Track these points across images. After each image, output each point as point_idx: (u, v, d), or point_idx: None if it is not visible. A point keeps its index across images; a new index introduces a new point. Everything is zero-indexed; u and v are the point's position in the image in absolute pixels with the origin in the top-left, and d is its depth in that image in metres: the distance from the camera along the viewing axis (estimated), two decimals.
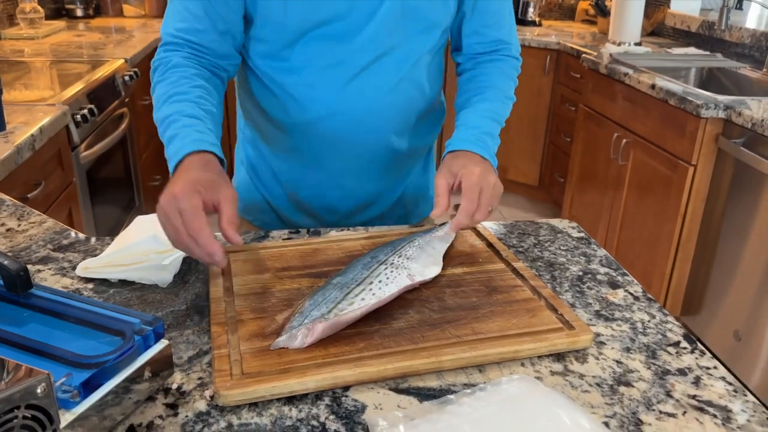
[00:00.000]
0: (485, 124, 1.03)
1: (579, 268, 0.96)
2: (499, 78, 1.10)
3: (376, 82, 1.03)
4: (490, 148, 1.00)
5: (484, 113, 1.04)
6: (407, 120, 1.10)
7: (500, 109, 1.07)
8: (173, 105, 0.92)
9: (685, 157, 2.08)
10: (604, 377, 0.72)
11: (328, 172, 1.12)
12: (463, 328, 0.77)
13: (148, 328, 0.66)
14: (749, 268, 1.95)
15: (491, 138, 1.02)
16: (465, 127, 1.02)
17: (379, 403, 0.67)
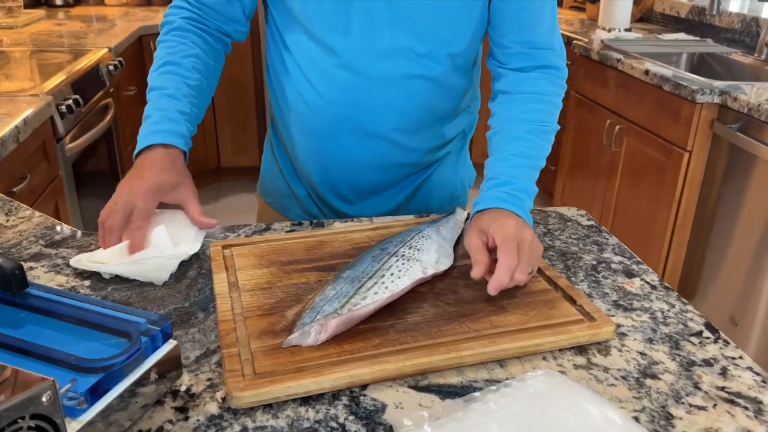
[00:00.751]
0: (519, 177, 0.88)
1: (592, 257, 0.93)
2: (536, 106, 0.94)
3: (391, 72, 0.96)
4: (524, 204, 0.87)
5: (517, 160, 0.90)
6: (420, 117, 1.02)
7: (538, 149, 0.92)
8: (162, 77, 0.96)
9: (680, 143, 2.07)
10: (629, 370, 0.70)
11: (340, 156, 1.06)
12: (481, 321, 0.74)
13: (155, 328, 0.62)
14: (743, 252, 1.95)
15: (527, 193, 0.88)
16: (496, 183, 0.88)
17: (399, 402, 0.64)
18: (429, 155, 1.09)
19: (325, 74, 0.98)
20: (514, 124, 0.94)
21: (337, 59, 0.96)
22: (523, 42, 0.96)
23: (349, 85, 0.97)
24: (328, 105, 0.99)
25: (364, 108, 0.99)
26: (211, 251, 0.87)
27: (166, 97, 0.94)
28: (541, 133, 0.93)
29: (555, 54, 0.98)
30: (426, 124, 1.03)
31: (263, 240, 0.92)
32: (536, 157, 0.92)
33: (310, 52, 0.98)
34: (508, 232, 0.80)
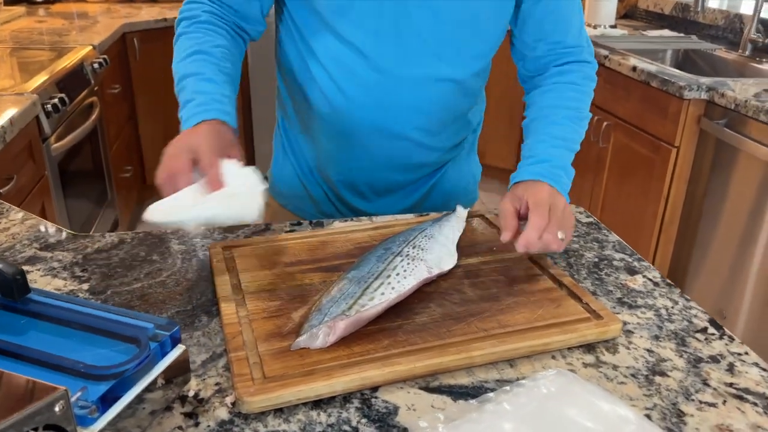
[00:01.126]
0: (557, 156, 0.91)
1: (594, 255, 0.93)
2: (570, 94, 0.97)
3: (420, 74, 0.97)
4: (563, 181, 0.89)
5: (554, 141, 0.92)
6: (444, 118, 1.03)
7: (573, 133, 0.95)
8: (195, 64, 0.93)
9: (667, 139, 2.09)
10: (637, 367, 0.70)
11: (362, 156, 1.05)
12: (489, 321, 0.74)
13: (164, 333, 0.61)
14: (729, 246, 1.97)
15: (564, 171, 0.90)
16: (534, 160, 0.91)
17: (411, 404, 0.64)
18: (448, 153, 1.11)
19: (352, 76, 0.97)
20: (550, 110, 0.96)
21: (366, 61, 0.95)
22: (555, 43, 0.99)
23: (377, 87, 0.96)
24: (355, 107, 0.99)
25: (391, 109, 0.99)
26: (210, 253, 0.86)
27: (206, 81, 0.91)
28: (576, 119, 0.96)
29: (584, 50, 1.01)
30: (448, 123, 1.05)
31: (264, 241, 0.91)
32: (572, 140, 0.95)
33: (338, 53, 0.96)
34: (541, 197, 0.84)
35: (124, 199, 2.63)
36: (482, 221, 0.99)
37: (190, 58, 0.93)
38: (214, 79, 0.91)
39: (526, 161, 0.92)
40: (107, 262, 0.88)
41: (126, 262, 0.88)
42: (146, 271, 0.86)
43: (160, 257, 0.89)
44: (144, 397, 0.60)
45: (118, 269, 0.86)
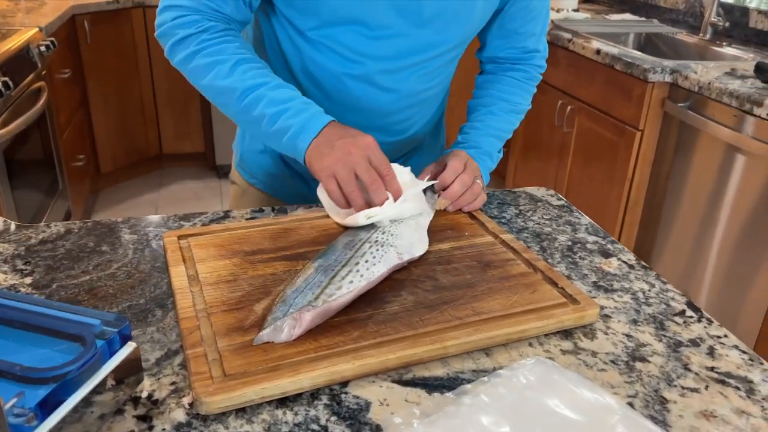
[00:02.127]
0: (486, 143, 1.01)
1: (567, 238, 0.91)
2: (513, 90, 1.05)
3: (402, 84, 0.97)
4: (485, 164, 1.00)
5: (487, 130, 1.02)
6: (421, 113, 1.04)
7: (507, 124, 1.05)
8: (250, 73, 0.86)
9: (631, 122, 2.08)
10: (617, 353, 0.67)
11: None
12: (463, 308, 0.70)
13: (111, 330, 0.56)
14: (692, 228, 1.98)
15: (489, 156, 1.01)
16: (463, 146, 1.01)
17: (384, 399, 0.60)
18: (429, 137, 1.15)
19: (340, 83, 0.95)
20: (492, 100, 1.05)
21: (358, 70, 0.93)
22: (516, 43, 1.04)
23: (365, 95, 0.96)
24: (342, 111, 0.96)
25: (380, 114, 0.99)
26: (165, 242, 0.80)
27: (281, 87, 0.86)
28: (512, 112, 1.05)
29: (541, 55, 1.07)
30: (435, 116, 1.11)
31: (223, 229, 0.85)
32: (504, 130, 1.05)
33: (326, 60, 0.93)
34: (458, 156, 0.95)
35: (76, 189, 2.53)
36: None
37: (240, 69, 0.85)
38: (284, 84, 0.87)
39: (458, 146, 1.01)
40: (52, 254, 0.81)
41: (73, 253, 0.82)
42: (95, 262, 0.80)
43: (111, 248, 0.83)
44: (92, 400, 0.55)
45: (65, 261, 0.80)
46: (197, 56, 0.86)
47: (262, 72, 0.86)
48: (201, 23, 0.87)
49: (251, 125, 0.88)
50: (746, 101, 1.71)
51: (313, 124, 0.83)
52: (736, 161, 1.81)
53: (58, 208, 2.25)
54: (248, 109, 0.85)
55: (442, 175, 0.92)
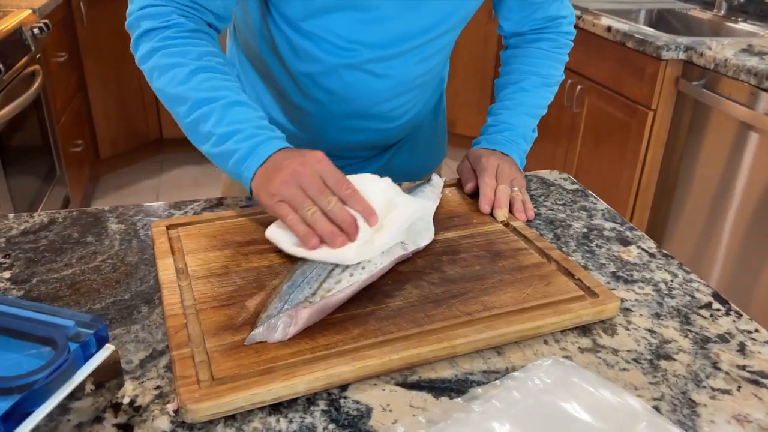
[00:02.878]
0: (519, 123, 0.95)
1: (582, 225, 0.85)
2: (543, 62, 0.98)
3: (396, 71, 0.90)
4: (519, 147, 0.94)
5: (519, 108, 0.96)
6: (417, 98, 0.97)
7: (540, 99, 0.97)
8: (206, 84, 0.76)
9: (644, 102, 2.01)
10: (640, 351, 0.62)
11: (336, 141, 0.98)
12: (472, 303, 0.65)
13: (87, 331, 0.51)
14: (704, 211, 1.92)
15: (524, 138, 0.95)
16: (496, 129, 0.94)
17: (387, 404, 0.55)
18: (429, 117, 1.07)
19: (334, 73, 0.88)
20: (522, 76, 0.98)
21: (352, 58, 0.86)
22: (538, 11, 0.97)
23: (360, 83, 0.89)
24: (338, 101, 0.90)
25: (376, 101, 0.92)
26: (153, 232, 0.75)
27: (238, 106, 0.76)
28: (544, 86, 0.98)
29: (567, 21, 1.01)
30: (433, 98, 1.04)
31: (215, 217, 0.80)
32: (538, 106, 0.97)
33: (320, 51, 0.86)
34: (489, 163, 0.88)
35: (75, 175, 2.48)
36: (459, 191, 0.90)
37: (197, 78, 0.76)
38: (242, 100, 0.76)
39: (489, 129, 0.96)
40: (34, 246, 0.76)
41: (56, 245, 0.77)
42: (79, 255, 0.75)
43: (96, 238, 0.78)
44: (69, 407, 0.50)
45: (47, 254, 0.75)
46: (157, 54, 0.77)
47: (223, 84, 0.76)
48: (169, 17, 0.77)
49: (199, 144, 0.77)
50: (765, 78, 1.64)
51: (261, 150, 0.72)
52: (749, 140, 1.75)
53: (55, 194, 2.21)
54: (197, 123, 0.75)
55: (482, 195, 0.84)
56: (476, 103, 3.26)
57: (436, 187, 0.86)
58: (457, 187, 0.91)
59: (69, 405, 0.50)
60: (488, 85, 3.22)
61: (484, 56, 3.17)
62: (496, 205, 0.82)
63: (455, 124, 3.28)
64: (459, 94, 3.23)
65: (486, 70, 3.20)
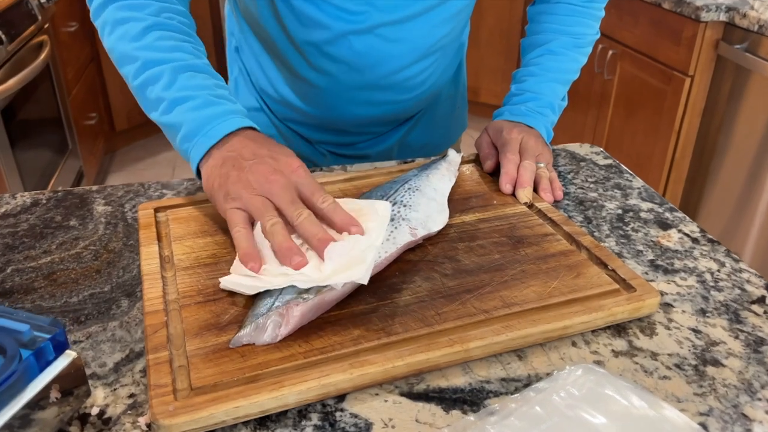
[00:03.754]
0: (547, 92, 0.85)
1: (616, 205, 0.76)
2: (575, 19, 0.88)
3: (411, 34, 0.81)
4: (546, 119, 0.84)
5: (547, 75, 0.86)
6: (435, 66, 0.88)
7: (571, 62, 0.87)
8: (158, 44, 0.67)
9: (680, 68, 1.89)
10: (683, 355, 0.54)
11: (346, 117, 0.89)
12: (490, 298, 0.57)
13: (42, 336, 0.45)
14: (746, 185, 1.80)
15: (551, 108, 0.85)
16: (520, 98, 0.85)
17: (389, 419, 0.48)
18: (448, 87, 0.98)
19: (345, 41, 0.79)
20: (549, 36, 0.88)
21: (363, 23, 0.78)
22: None
23: (372, 50, 0.80)
24: (350, 72, 0.82)
25: (391, 70, 0.83)
26: (139, 215, 0.68)
27: (195, 70, 0.67)
28: (575, 47, 0.88)
29: None
30: (452, 64, 0.93)
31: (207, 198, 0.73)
32: (568, 71, 0.87)
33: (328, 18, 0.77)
34: (511, 137, 0.79)
35: (88, 149, 2.43)
36: (477, 169, 0.82)
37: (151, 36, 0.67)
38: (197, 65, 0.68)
39: (513, 98, 0.87)
40: (13, 231, 0.70)
41: (36, 229, 0.71)
42: (60, 240, 0.69)
43: (80, 222, 0.72)
44: (31, 417, 0.44)
45: (26, 239, 0.69)
46: (110, 6, 0.69)
47: (180, 45, 0.67)
48: None
49: (148, 111, 0.68)
50: None
51: (217, 126, 0.63)
52: None
53: (68, 168, 2.16)
54: (144, 87, 0.66)
55: (504, 172, 0.75)
56: (501, 70, 3.13)
57: (452, 163, 0.77)
58: (475, 163, 0.83)
59: (31, 415, 0.44)
60: (514, 49, 3.08)
61: (509, 18, 3.03)
62: (519, 184, 0.74)
63: (479, 92, 3.16)
64: (483, 60, 3.11)
65: (512, 33, 3.06)
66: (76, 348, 0.54)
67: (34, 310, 0.58)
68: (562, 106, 0.87)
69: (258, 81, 0.93)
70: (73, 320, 0.57)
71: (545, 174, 0.76)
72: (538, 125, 0.82)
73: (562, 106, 0.87)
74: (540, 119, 0.83)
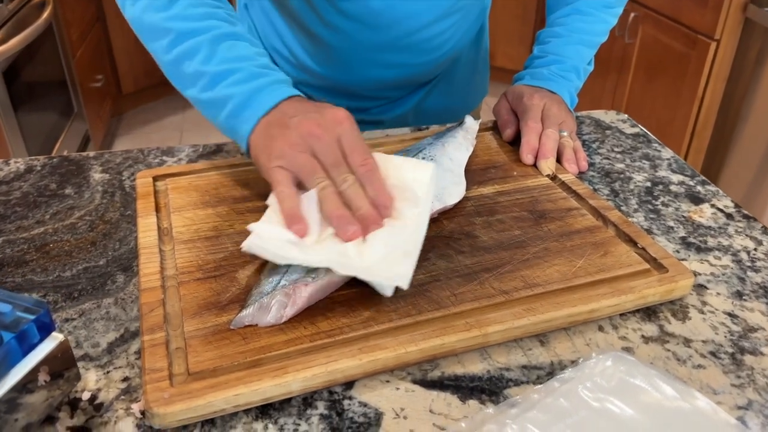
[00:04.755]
0: (570, 55, 0.79)
1: (645, 177, 0.72)
2: None
3: None
4: (570, 84, 0.79)
5: (572, 36, 0.80)
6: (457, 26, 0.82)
7: (599, 24, 0.81)
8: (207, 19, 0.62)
9: (706, 31, 1.81)
10: (718, 342, 0.50)
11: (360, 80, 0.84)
12: (510, 278, 0.53)
13: (26, 318, 0.41)
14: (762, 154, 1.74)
15: (576, 72, 0.80)
16: (542, 61, 0.80)
17: (401, 408, 0.44)
18: (469, 49, 0.91)
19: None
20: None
21: None
22: None
23: (389, 8, 0.73)
24: (367, 32, 0.76)
25: (410, 30, 0.77)
26: (137, 184, 0.65)
27: (235, 39, 0.62)
28: (605, 6, 0.81)
29: None
30: (475, 24, 0.87)
31: (210, 167, 0.69)
32: (596, 32, 0.81)
33: None
34: (533, 103, 0.74)
35: (95, 112, 2.39)
36: (496, 137, 0.77)
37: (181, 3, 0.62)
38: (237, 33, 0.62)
39: (534, 60, 0.82)
40: (5, 199, 0.67)
41: (30, 198, 0.67)
42: (54, 209, 0.65)
43: (75, 190, 0.68)
44: (19, 402, 0.41)
45: (18, 208, 0.65)
46: None
47: (214, 12, 0.62)
48: None
49: (184, 88, 0.63)
50: None
51: (265, 96, 0.58)
52: None
53: (74, 131, 2.12)
54: (179, 62, 0.61)
55: (525, 143, 0.71)
56: (517, 33, 3.04)
57: (469, 131, 0.72)
58: (493, 131, 0.78)
59: (18, 399, 0.41)
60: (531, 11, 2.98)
61: None
62: (541, 154, 0.69)
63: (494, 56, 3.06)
64: (498, 23, 3.00)
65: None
66: (69, 326, 0.51)
67: (25, 285, 0.55)
68: (588, 70, 0.82)
69: (268, 39, 0.87)
70: (66, 296, 0.54)
71: (569, 143, 0.71)
72: (561, 90, 0.77)
73: (587, 70, 0.82)
74: (563, 84, 0.78)
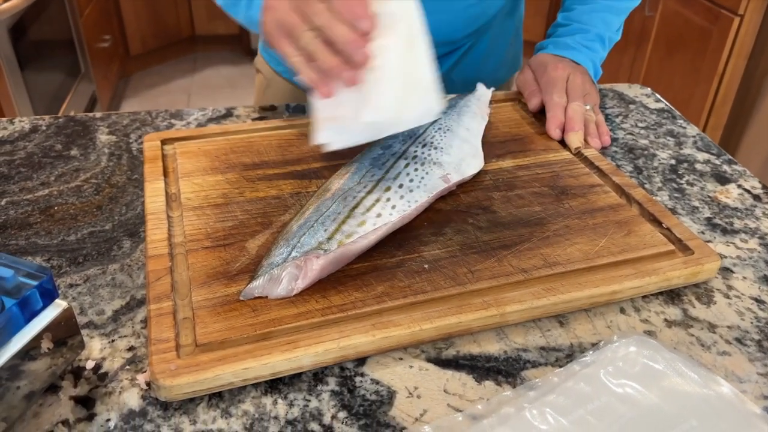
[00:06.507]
0: (595, 24, 0.76)
1: (669, 155, 0.69)
2: None
3: None
4: (594, 54, 0.76)
5: (598, 3, 0.77)
6: None
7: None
8: None
9: (729, 5, 1.75)
10: (744, 328, 0.48)
11: None
12: (529, 256, 0.51)
13: (29, 284, 0.40)
14: None
15: (601, 42, 0.77)
16: (566, 29, 0.77)
17: (414, 387, 0.43)
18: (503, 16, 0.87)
19: None
20: None
21: None
22: None
23: None
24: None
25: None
26: (144, 147, 0.62)
27: None
28: None
29: None
30: None
31: (220, 131, 0.67)
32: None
33: None
34: (557, 74, 0.72)
35: (102, 72, 2.36)
36: (516, 108, 0.74)
37: None
38: None
39: (558, 28, 0.79)
40: (9, 159, 0.65)
41: (34, 158, 0.65)
42: (59, 171, 0.63)
43: (81, 152, 0.66)
44: (21, 369, 0.40)
45: (22, 169, 0.63)
46: None
47: None
48: None
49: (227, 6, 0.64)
50: None
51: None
52: None
53: (81, 92, 2.10)
54: None
55: (551, 117, 0.68)
56: (532, 3, 2.97)
57: (482, 100, 0.70)
58: (514, 102, 0.75)
59: (21, 366, 0.40)
60: None
61: None
62: (569, 127, 0.66)
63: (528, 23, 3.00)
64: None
65: None
66: (73, 292, 0.49)
67: (29, 248, 0.53)
68: (614, 39, 0.78)
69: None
70: (71, 261, 0.52)
71: (592, 118, 0.69)
72: (585, 61, 0.74)
73: (613, 39, 0.78)
74: (587, 54, 0.75)
